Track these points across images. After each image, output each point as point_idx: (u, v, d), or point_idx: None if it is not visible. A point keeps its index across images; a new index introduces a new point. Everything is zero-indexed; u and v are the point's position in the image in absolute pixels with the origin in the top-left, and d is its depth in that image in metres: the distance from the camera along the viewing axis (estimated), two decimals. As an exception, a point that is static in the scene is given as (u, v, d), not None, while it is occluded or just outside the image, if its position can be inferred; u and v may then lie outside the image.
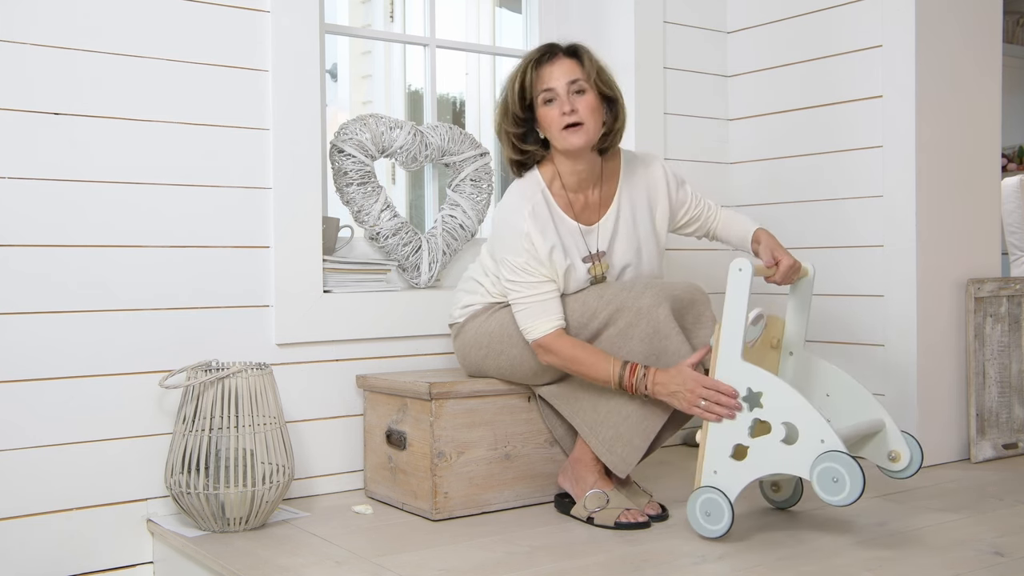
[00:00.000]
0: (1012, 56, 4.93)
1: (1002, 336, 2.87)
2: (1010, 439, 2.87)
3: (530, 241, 2.17)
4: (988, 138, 2.91)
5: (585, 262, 2.25)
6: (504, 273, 2.21)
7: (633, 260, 2.30)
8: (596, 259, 2.26)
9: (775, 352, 2.24)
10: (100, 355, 2.19)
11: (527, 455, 2.35)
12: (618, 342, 2.15)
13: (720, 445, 2.00)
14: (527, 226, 2.18)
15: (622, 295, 2.16)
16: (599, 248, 2.26)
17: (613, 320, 2.16)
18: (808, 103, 3.02)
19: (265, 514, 2.16)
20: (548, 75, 2.19)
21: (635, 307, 2.13)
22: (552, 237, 2.20)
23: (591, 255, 2.25)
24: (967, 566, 1.83)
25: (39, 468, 2.11)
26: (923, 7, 2.71)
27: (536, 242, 2.17)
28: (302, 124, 2.43)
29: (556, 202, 2.24)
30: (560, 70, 2.19)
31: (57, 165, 2.14)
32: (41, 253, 2.12)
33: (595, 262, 2.26)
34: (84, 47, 2.17)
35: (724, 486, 1.98)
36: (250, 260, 2.38)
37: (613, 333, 2.16)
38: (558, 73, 2.19)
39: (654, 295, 2.13)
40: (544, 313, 2.16)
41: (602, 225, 2.27)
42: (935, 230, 2.76)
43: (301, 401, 2.45)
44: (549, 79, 2.19)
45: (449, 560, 1.92)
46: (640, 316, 2.12)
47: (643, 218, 2.32)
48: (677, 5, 3.14)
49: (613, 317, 2.16)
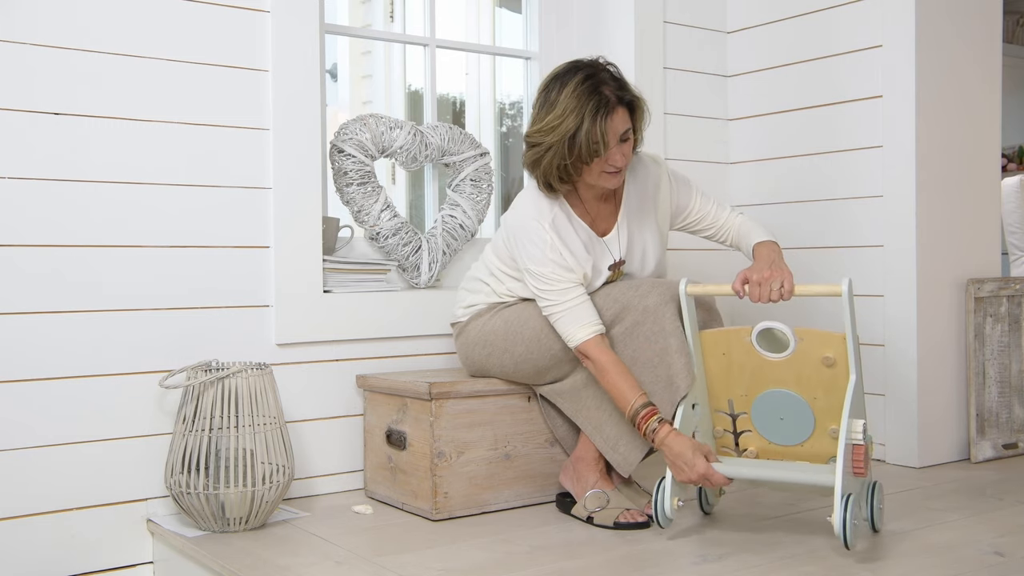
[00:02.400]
0: (1012, 56, 4.92)
1: (1002, 336, 2.87)
2: (1010, 439, 2.87)
3: (554, 249, 2.15)
4: (988, 138, 2.91)
5: (610, 269, 2.25)
6: (530, 282, 2.18)
7: (640, 263, 2.31)
8: (618, 267, 2.27)
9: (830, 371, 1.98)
10: (100, 355, 2.19)
11: (527, 455, 2.35)
12: (624, 340, 2.15)
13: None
14: (549, 235, 2.15)
15: (628, 294, 2.16)
16: (621, 256, 2.27)
17: (620, 318, 2.16)
18: (808, 103, 3.02)
19: (265, 514, 2.16)
20: (603, 133, 2.06)
21: (641, 306, 2.13)
22: (574, 242, 2.19)
23: (616, 263, 2.26)
24: (967, 566, 1.83)
25: (39, 468, 2.11)
26: (923, 7, 2.71)
27: (560, 248, 2.16)
28: (302, 124, 2.43)
29: (574, 210, 2.24)
30: (613, 126, 2.07)
31: (57, 165, 2.14)
32: (41, 253, 2.12)
33: (616, 269, 2.27)
34: (84, 47, 2.17)
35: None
36: (250, 260, 2.38)
37: (619, 332, 2.16)
38: (611, 130, 2.07)
39: (660, 294, 2.13)
40: (577, 320, 2.12)
41: (617, 232, 2.27)
42: (935, 230, 2.76)
43: (301, 401, 2.45)
44: (603, 136, 2.06)
45: (449, 560, 1.92)
46: (646, 315, 2.12)
47: (647, 218, 2.32)
48: (677, 5, 3.14)
49: (619, 315, 2.16)
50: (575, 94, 2.07)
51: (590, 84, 2.07)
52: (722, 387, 2.10)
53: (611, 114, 2.07)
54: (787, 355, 2.00)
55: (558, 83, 2.11)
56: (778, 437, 2.06)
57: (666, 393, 2.09)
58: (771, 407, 2.05)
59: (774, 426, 2.06)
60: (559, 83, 2.11)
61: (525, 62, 3.14)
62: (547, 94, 2.13)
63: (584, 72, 2.10)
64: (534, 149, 2.14)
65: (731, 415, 2.11)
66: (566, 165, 2.10)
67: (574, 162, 2.09)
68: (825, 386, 1.98)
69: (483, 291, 2.37)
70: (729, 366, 2.07)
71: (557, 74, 2.14)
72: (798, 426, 2.03)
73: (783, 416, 2.04)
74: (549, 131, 2.09)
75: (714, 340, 2.09)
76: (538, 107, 2.15)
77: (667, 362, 2.10)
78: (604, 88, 2.08)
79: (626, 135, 2.11)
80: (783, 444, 2.06)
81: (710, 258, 3.17)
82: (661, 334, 2.11)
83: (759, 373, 2.04)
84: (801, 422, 2.03)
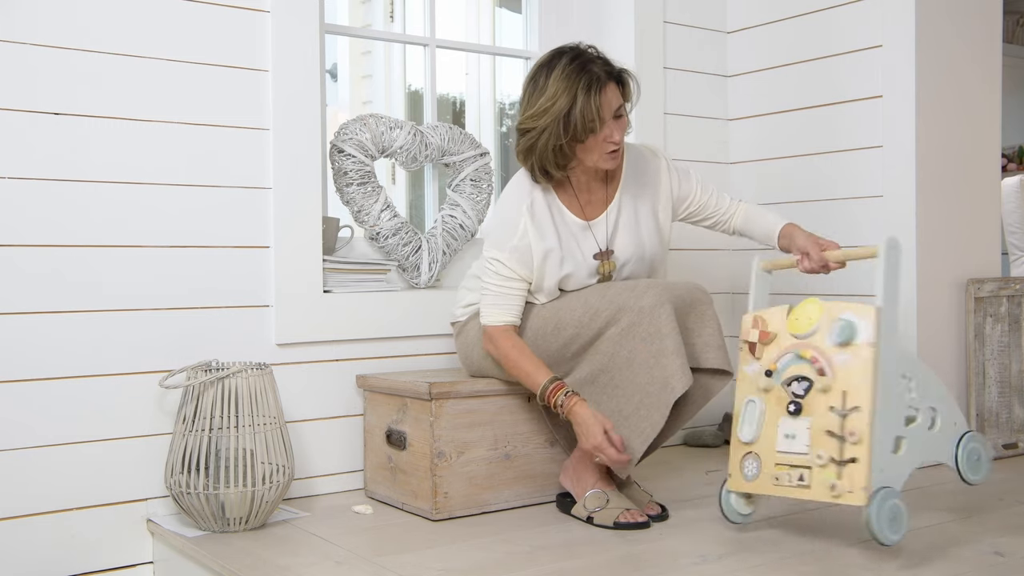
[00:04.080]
0: (1012, 56, 4.93)
1: (1002, 336, 2.87)
2: (1010, 439, 2.87)
3: (523, 241, 2.18)
4: (988, 138, 2.91)
5: (596, 259, 2.25)
6: (485, 251, 2.25)
7: (635, 254, 2.30)
8: (605, 257, 2.26)
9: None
10: (100, 355, 2.19)
11: (527, 455, 2.35)
12: (619, 341, 2.15)
13: (884, 439, 1.83)
14: (524, 223, 2.19)
15: (624, 294, 2.16)
16: (607, 245, 2.27)
17: (615, 319, 2.15)
18: (808, 103, 3.02)
19: (265, 514, 2.16)
20: (598, 108, 2.09)
21: (637, 307, 2.13)
22: (551, 239, 2.21)
23: (602, 252, 2.26)
24: (967, 566, 1.83)
25: (39, 468, 2.11)
26: (923, 7, 2.71)
27: (533, 244, 2.18)
28: (302, 124, 2.43)
29: (560, 198, 2.24)
30: (607, 101, 2.11)
31: (57, 165, 2.14)
32: (41, 253, 2.12)
33: (604, 260, 2.26)
34: (84, 47, 2.17)
35: (894, 483, 1.83)
36: (250, 260, 2.38)
37: (615, 332, 2.16)
38: (605, 105, 2.10)
39: (656, 295, 2.13)
40: (504, 306, 2.22)
41: (604, 220, 2.27)
42: (935, 230, 2.76)
43: (301, 401, 2.45)
44: (598, 111, 2.09)
45: (449, 560, 1.92)
46: (642, 316, 2.12)
47: (645, 211, 2.32)
48: (677, 5, 3.14)
49: (615, 316, 2.15)
50: (564, 75, 2.09)
51: (578, 64, 2.10)
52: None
53: (603, 89, 2.10)
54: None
55: (545, 69, 2.14)
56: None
57: (661, 394, 2.09)
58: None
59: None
60: (546, 69, 2.13)
61: (525, 62, 3.14)
62: (535, 81, 2.15)
63: (570, 55, 2.13)
64: (528, 135, 2.15)
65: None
66: (562, 146, 2.11)
67: (570, 142, 2.11)
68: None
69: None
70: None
71: (542, 62, 2.17)
72: None
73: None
74: (542, 114, 2.10)
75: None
76: (527, 95, 2.16)
77: (662, 364, 2.09)
78: (592, 66, 2.11)
79: (619, 111, 2.15)
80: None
81: (711, 258, 3.17)
82: (657, 335, 2.11)
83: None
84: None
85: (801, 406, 1.90)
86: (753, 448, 1.97)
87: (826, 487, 1.83)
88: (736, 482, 2.00)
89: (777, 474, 1.91)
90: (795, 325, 1.96)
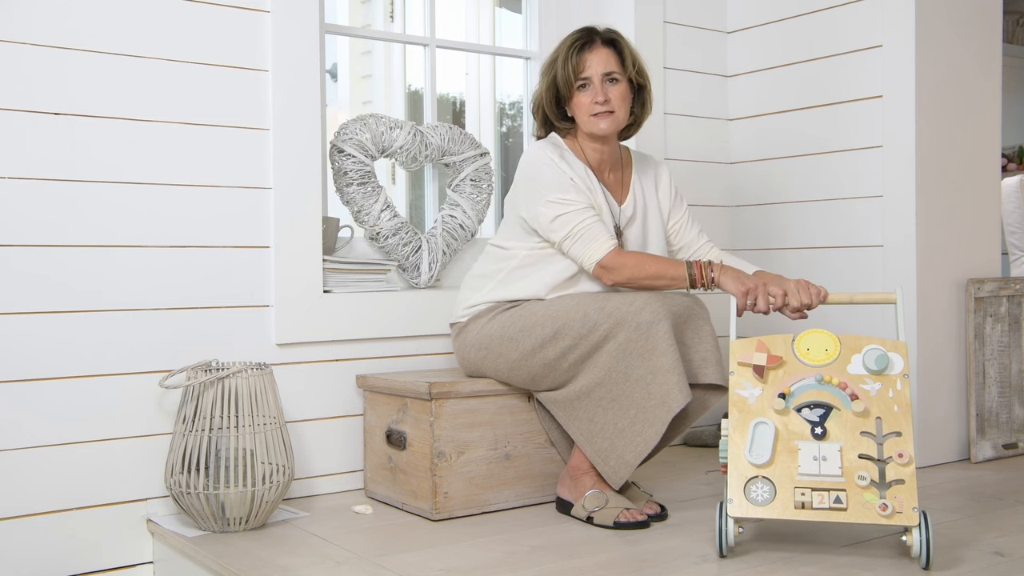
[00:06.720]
0: (1012, 56, 4.93)
1: (1002, 336, 2.88)
2: (1010, 439, 2.87)
3: (569, 174, 2.26)
4: (988, 138, 2.91)
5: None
6: (545, 213, 2.25)
7: (639, 232, 2.38)
8: (618, 234, 2.34)
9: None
10: (100, 355, 2.19)
11: (527, 455, 2.35)
12: (617, 356, 2.13)
13: None
14: (560, 165, 2.27)
15: (623, 308, 2.13)
16: (621, 223, 2.36)
17: (613, 334, 2.13)
18: (808, 103, 3.02)
19: (265, 514, 2.16)
20: (584, 63, 2.28)
21: (635, 322, 2.11)
22: (582, 175, 2.30)
23: (616, 227, 2.34)
24: (967, 566, 1.83)
25: (39, 468, 2.11)
26: (923, 7, 2.71)
27: (574, 178, 2.27)
28: (302, 124, 2.43)
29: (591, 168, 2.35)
30: (597, 59, 2.28)
31: (57, 165, 2.14)
32: (41, 253, 2.12)
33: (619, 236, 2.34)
34: (83, 47, 2.17)
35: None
36: (250, 260, 2.38)
37: (612, 348, 2.14)
38: (594, 62, 2.28)
39: (654, 310, 2.11)
40: (594, 238, 2.23)
41: (624, 207, 2.37)
42: (935, 230, 2.76)
43: (301, 401, 2.45)
44: (586, 67, 2.28)
45: (449, 560, 1.92)
46: (639, 331, 2.11)
47: (652, 212, 2.41)
48: (677, 5, 3.14)
49: (613, 331, 2.13)
50: (566, 41, 2.33)
51: (580, 31, 2.34)
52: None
53: (591, 47, 2.29)
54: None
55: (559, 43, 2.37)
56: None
57: (658, 411, 2.08)
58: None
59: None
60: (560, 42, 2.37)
61: (525, 62, 3.14)
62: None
63: (580, 29, 2.35)
64: (534, 94, 2.40)
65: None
66: (557, 99, 2.33)
67: (560, 95, 2.31)
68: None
69: (484, 289, 2.37)
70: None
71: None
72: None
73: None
74: (543, 73, 2.36)
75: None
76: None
77: (660, 380, 2.08)
78: (588, 31, 2.33)
79: (612, 76, 2.28)
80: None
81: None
82: (654, 352, 2.10)
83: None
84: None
85: (826, 430, 1.90)
86: (763, 472, 1.87)
87: (869, 508, 1.81)
88: (740, 508, 1.85)
89: (803, 498, 1.84)
90: (809, 354, 1.97)
